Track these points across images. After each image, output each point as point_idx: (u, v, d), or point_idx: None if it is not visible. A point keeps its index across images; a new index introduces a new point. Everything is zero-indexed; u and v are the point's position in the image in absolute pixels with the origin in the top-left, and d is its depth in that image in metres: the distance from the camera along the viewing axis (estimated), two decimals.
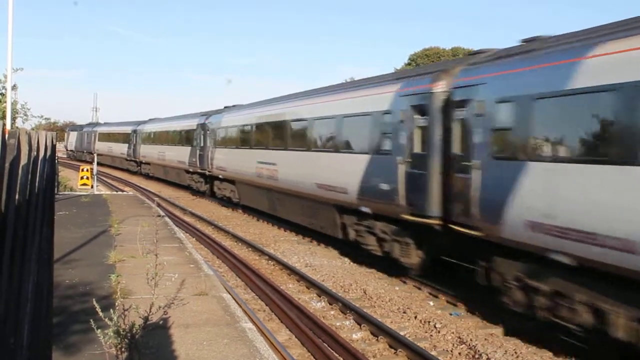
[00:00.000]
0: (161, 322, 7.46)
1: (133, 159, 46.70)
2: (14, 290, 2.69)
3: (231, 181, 26.09)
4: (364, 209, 14.19)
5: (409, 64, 61.79)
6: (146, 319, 6.18)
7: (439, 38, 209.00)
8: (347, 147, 15.38)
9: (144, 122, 46.41)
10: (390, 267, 13.89)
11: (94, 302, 6.22)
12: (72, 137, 72.74)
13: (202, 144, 30.37)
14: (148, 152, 42.63)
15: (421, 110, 12.20)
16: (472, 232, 10.26)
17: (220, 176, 27.41)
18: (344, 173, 15.14)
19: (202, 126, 30.74)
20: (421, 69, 15.54)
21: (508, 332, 9.93)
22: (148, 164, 43.28)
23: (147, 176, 43.49)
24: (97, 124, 65.94)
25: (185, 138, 33.94)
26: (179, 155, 34.47)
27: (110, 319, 5.94)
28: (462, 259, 11.47)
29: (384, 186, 13.17)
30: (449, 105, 11.32)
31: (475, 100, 10.36)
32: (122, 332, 5.94)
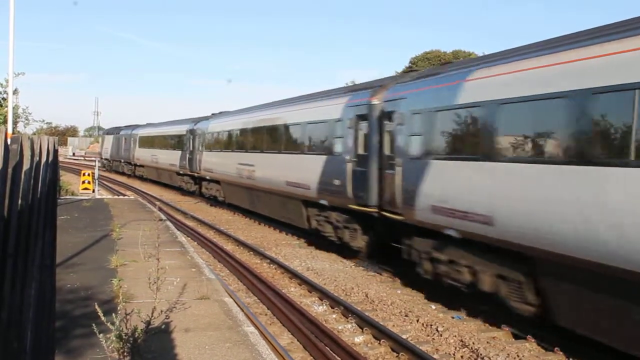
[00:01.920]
0: (163, 326, 7.47)
1: (189, 172, 32.63)
2: (16, 295, 2.69)
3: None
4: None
5: (409, 67, 61.82)
6: (148, 323, 6.18)
7: (440, 41, 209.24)
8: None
9: (203, 119, 32.43)
10: (392, 268, 13.89)
11: (96, 307, 6.23)
12: (108, 143, 58.79)
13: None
14: (216, 162, 27.98)
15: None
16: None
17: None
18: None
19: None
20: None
21: (510, 336, 9.92)
22: (217, 182, 28.18)
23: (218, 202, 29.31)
24: (137, 126, 50.18)
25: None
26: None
27: (112, 324, 5.95)
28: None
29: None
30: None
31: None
32: (124, 337, 5.95)
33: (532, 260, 9.09)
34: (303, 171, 17.96)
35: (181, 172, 34.20)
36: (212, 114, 32.06)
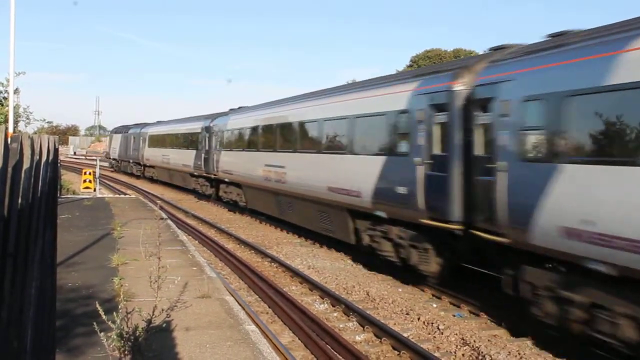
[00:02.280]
0: (164, 325, 7.47)
1: (205, 174, 30.24)
2: (17, 294, 2.69)
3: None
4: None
5: (410, 66, 61.75)
6: (149, 321, 6.18)
7: (440, 40, 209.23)
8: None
9: (221, 115, 30.15)
10: (392, 269, 13.91)
11: (97, 305, 6.22)
12: (116, 142, 55.44)
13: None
14: (237, 162, 25.56)
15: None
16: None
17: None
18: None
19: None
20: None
21: (512, 334, 9.91)
22: (238, 185, 25.99)
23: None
24: (147, 124, 47.23)
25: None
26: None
27: (114, 322, 5.95)
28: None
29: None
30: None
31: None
32: (125, 335, 5.95)
33: None
34: (352, 175, 14.93)
35: (196, 173, 31.62)
36: (231, 110, 29.13)
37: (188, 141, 33.60)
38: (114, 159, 56.68)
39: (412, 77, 13.59)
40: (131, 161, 48.97)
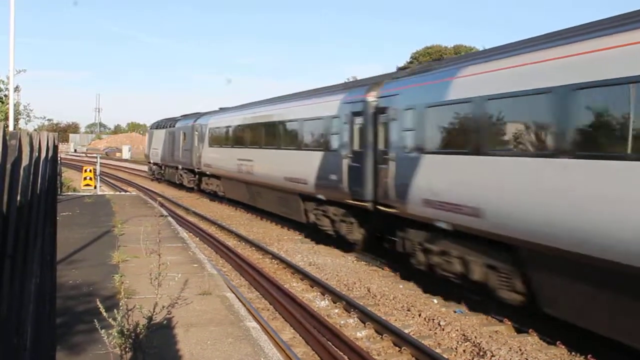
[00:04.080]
0: (165, 322, 7.47)
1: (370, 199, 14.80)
2: (16, 291, 2.68)
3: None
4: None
5: (411, 62, 61.70)
6: (150, 318, 6.18)
7: (441, 36, 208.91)
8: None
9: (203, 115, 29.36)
10: (393, 264, 13.88)
11: (98, 303, 6.22)
12: (157, 140, 40.11)
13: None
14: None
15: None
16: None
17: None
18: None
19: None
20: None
21: (512, 330, 9.91)
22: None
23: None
24: (203, 114, 32.57)
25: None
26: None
27: (114, 319, 5.95)
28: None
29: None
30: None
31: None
32: (126, 332, 5.95)
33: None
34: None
35: (319, 195, 17.39)
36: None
37: (313, 136, 18.25)
38: (154, 164, 41.80)
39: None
40: (180, 167, 34.56)
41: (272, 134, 21.37)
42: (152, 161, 42.85)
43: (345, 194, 15.44)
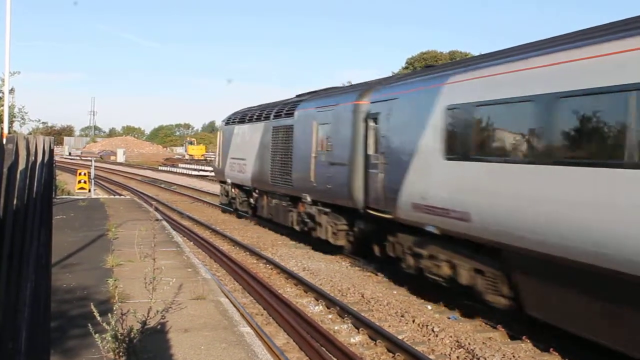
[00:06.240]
0: (159, 327, 7.45)
1: None
2: (11, 295, 2.68)
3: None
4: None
5: (405, 68, 61.85)
6: (144, 323, 6.17)
7: (436, 42, 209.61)
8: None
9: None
10: (388, 269, 13.89)
11: (92, 307, 6.21)
12: (241, 145, 23.64)
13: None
14: None
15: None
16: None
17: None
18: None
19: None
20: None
21: (506, 336, 9.93)
22: None
23: None
24: (386, 81, 15.05)
25: None
26: None
27: (108, 324, 5.94)
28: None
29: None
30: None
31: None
32: (120, 337, 5.94)
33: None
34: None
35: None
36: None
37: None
38: (234, 186, 24.82)
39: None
40: (308, 199, 17.18)
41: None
42: (229, 180, 25.23)
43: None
